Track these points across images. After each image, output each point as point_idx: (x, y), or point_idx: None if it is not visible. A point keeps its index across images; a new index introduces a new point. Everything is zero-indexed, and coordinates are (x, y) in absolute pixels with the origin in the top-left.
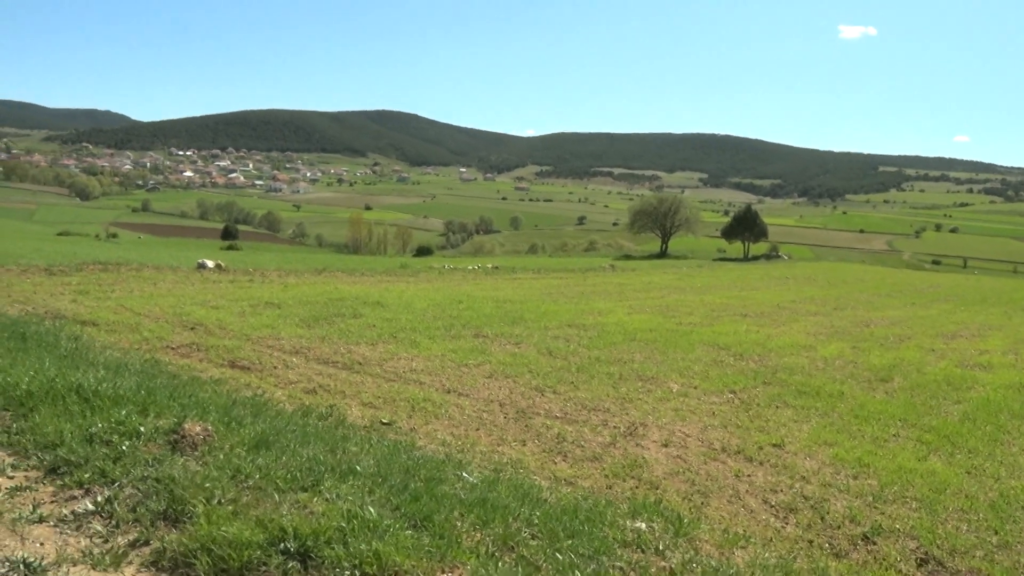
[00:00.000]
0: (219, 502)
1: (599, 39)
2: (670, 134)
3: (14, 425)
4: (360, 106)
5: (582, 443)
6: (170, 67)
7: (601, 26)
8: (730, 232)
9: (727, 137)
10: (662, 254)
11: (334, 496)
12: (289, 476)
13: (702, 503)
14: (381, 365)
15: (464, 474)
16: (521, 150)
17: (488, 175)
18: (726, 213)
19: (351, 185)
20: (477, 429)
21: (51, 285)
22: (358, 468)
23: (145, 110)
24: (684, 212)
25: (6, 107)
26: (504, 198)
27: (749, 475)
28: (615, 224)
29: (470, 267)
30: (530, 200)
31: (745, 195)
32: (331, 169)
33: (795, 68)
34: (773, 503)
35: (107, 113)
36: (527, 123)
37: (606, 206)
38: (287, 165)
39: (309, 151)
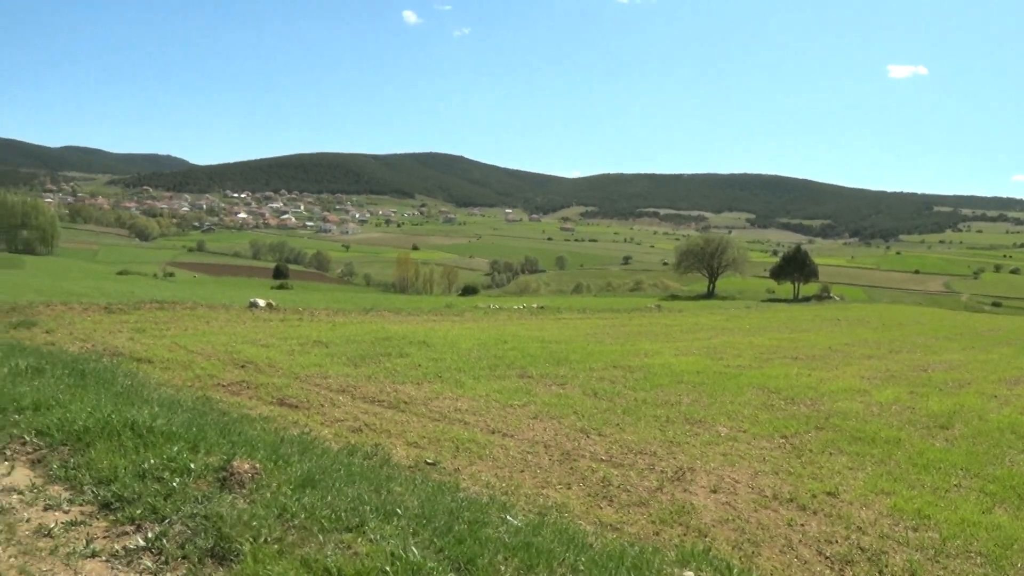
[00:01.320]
0: (265, 541)
1: (644, 81)
2: (716, 175)
3: (71, 460)
4: (408, 148)
5: (628, 487)
6: (227, 113)
7: (646, 68)
8: (779, 272)
9: (775, 177)
10: (709, 294)
11: (378, 537)
12: (334, 516)
13: (753, 552)
14: (426, 405)
15: (508, 517)
16: (566, 191)
17: (533, 216)
18: (775, 253)
19: (399, 226)
20: (521, 471)
21: (110, 323)
22: (398, 511)
23: (202, 154)
24: (732, 252)
25: (75, 152)
26: (549, 238)
27: (802, 524)
28: (665, 264)
29: (515, 307)
30: (575, 240)
31: (794, 235)
32: (379, 210)
33: (844, 108)
34: (828, 554)
35: (167, 157)
36: (572, 164)
37: (652, 246)
38: (337, 206)
39: (358, 193)
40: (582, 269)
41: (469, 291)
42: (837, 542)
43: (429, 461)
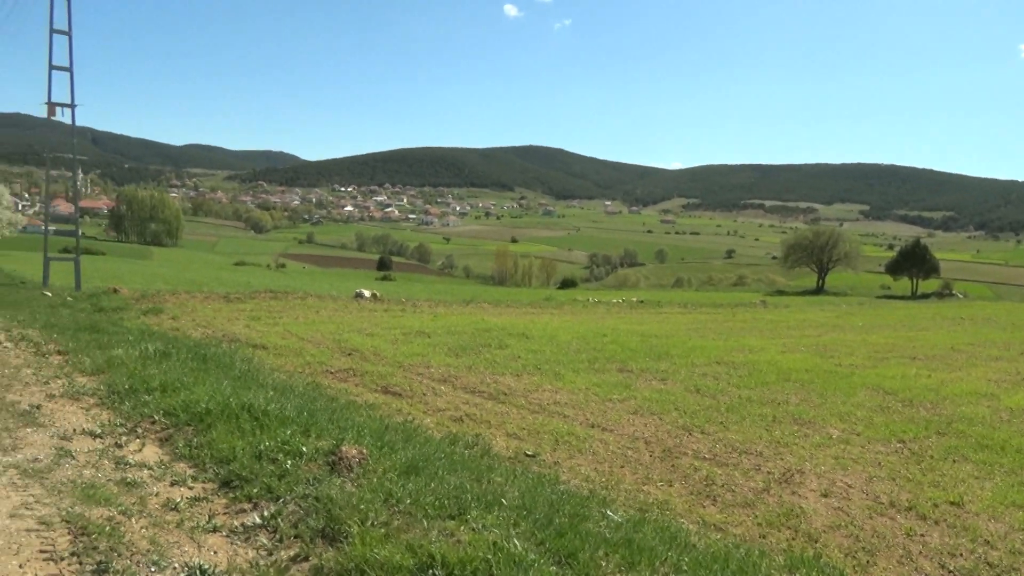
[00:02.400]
0: (372, 524)
1: (749, 68)
2: (827, 164)
3: (195, 439)
4: (508, 142)
5: (733, 487)
6: (335, 110)
7: (751, 55)
8: (896, 268)
9: (892, 167)
10: (818, 290)
11: (480, 526)
12: (437, 503)
13: (868, 562)
14: (526, 396)
15: (609, 512)
16: (667, 183)
17: (633, 208)
18: (891, 247)
19: (498, 218)
20: (622, 466)
21: (229, 311)
22: (503, 500)
23: (312, 150)
24: (843, 246)
25: (198, 150)
26: (649, 231)
27: (922, 534)
28: (773, 258)
29: (614, 300)
30: (676, 233)
31: (913, 228)
32: (479, 203)
33: (971, 91)
34: (952, 568)
35: (280, 154)
36: (673, 155)
37: (756, 239)
38: (438, 199)
39: (459, 186)
40: (683, 263)
41: (567, 284)
42: (962, 555)
43: (529, 453)
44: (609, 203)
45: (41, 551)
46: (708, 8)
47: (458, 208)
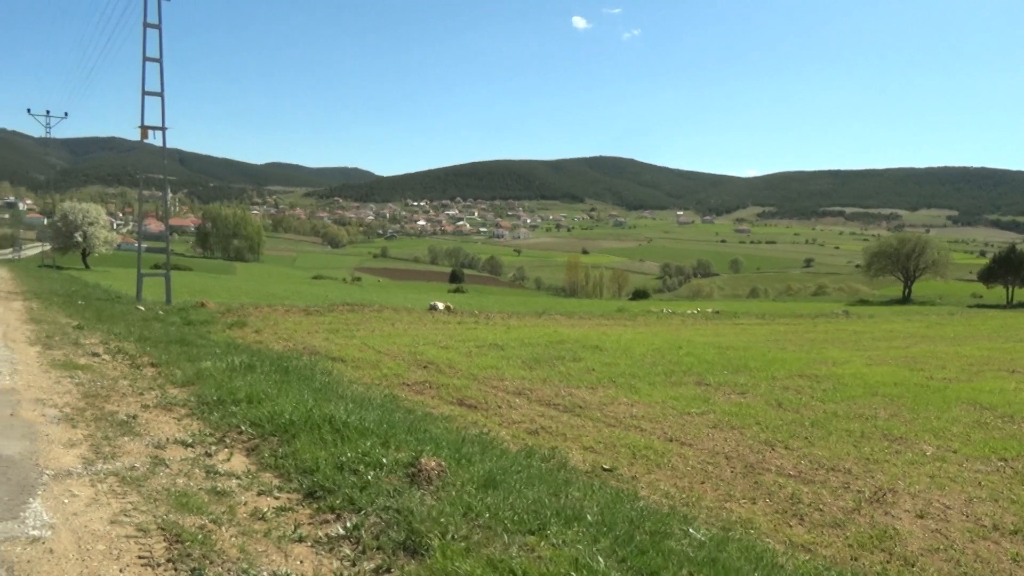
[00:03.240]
0: (453, 538)
1: (826, 71)
2: (912, 168)
3: (279, 450)
4: (577, 153)
5: (820, 506)
6: (408, 125)
7: (828, 57)
8: (989, 275)
9: (983, 169)
10: (904, 299)
11: (560, 542)
12: (516, 517)
13: None
14: (601, 409)
15: (691, 530)
16: (741, 191)
17: (706, 217)
18: (983, 254)
19: (569, 230)
20: (702, 482)
21: (308, 324)
22: (587, 516)
23: (386, 166)
24: (931, 253)
25: (278, 168)
26: (723, 240)
27: None
28: (857, 266)
29: (689, 311)
30: (751, 242)
31: (1007, 234)
32: (550, 215)
33: None
34: None
35: (355, 170)
36: (747, 163)
37: (836, 247)
38: (509, 212)
39: (530, 198)
40: (758, 272)
41: (640, 295)
42: None
43: (606, 467)
44: (681, 213)
45: (139, 557)
46: (780, 11)
47: (528, 220)
